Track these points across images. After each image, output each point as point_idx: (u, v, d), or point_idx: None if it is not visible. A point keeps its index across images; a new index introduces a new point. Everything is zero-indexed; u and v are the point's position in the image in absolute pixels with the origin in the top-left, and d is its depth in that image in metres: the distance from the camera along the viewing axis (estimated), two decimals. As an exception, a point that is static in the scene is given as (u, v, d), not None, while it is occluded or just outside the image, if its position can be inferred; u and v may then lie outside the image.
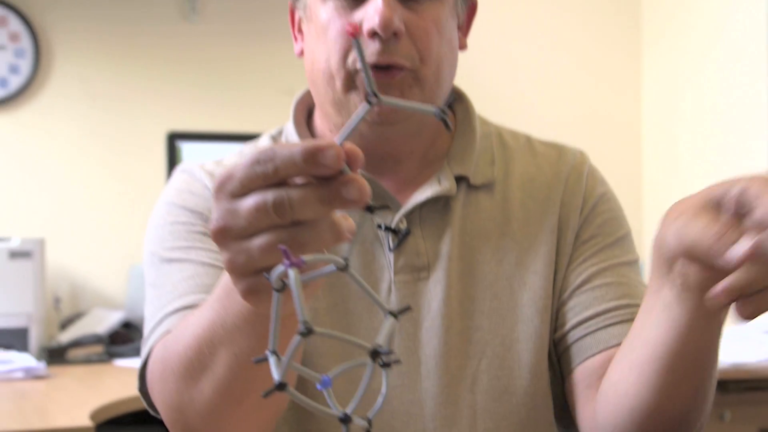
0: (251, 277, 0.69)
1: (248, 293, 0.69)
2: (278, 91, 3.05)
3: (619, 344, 1.06)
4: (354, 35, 0.61)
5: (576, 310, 1.11)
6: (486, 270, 1.12)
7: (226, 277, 0.81)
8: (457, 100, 1.20)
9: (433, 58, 1.06)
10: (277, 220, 0.65)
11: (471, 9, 1.17)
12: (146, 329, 1.07)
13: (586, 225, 1.15)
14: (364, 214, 1.07)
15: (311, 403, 0.62)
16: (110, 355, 2.51)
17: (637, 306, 1.06)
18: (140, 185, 2.97)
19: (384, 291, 1.10)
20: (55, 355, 2.47)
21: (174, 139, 2.63)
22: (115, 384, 2.20)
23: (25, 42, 2.90)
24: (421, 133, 1.13)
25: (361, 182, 0.66)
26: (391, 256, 1.10)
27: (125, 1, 3.00)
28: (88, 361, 2.48)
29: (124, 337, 2.61)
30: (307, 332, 0.59)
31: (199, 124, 2.97)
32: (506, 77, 3.42)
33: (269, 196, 0.65)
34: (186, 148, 2.64)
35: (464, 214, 1.13)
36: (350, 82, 1.06)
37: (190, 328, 0.90)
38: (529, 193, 1.15)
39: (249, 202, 0.66)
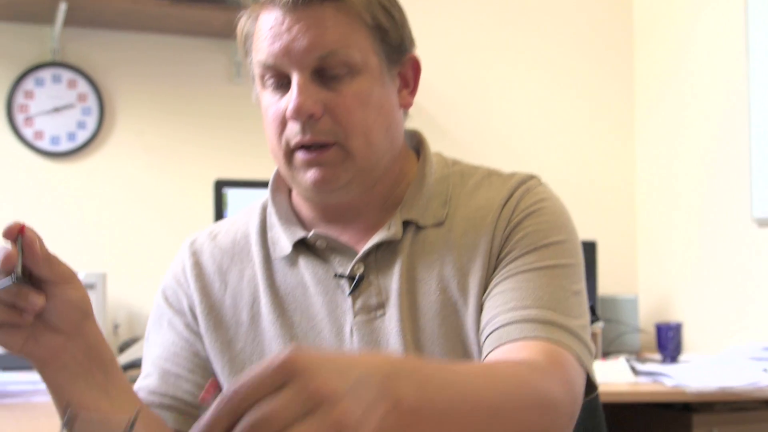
0: None
1: None
2: None
3: (492, 350, 1.01)
4: None
5: (483, 314, 1.07)
6: (432, 300, 1.09)
7: None
8: (419, 149, 1.20)
9: (358, 130, 1.06)
10: None
11: (414, 68, 1.15)
12: None
13: (507, 242, 1.10)
14: (327, 267, 1.13)
15: None
16: (162, 377, 2.55)
17: (526, 308, 1.02)
18: (190, 226, 2.86)
19: (347, 333, 1.10)
20: None
21: (220, 186, 2.71)
22: (168, 401, 2.25)
23: (92, 101, 2.94)
24: (371, 190, 1.13)
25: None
26: (349, 300, 1.10)
27: (178, 65, 3.06)
28: None
29: (175, 360, 2.65)
30: None
31: (241, 172, 3.00)
32: (502, 126, 3.44)
33: None
34: (231, 193, 2.72)
35: (411, 252, 1.11)
36: (289, 158, 1.08)
37: None
38: (472, 222, 1.12)
39: None
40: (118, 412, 0.98)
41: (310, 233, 1.14)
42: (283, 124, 1.07)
